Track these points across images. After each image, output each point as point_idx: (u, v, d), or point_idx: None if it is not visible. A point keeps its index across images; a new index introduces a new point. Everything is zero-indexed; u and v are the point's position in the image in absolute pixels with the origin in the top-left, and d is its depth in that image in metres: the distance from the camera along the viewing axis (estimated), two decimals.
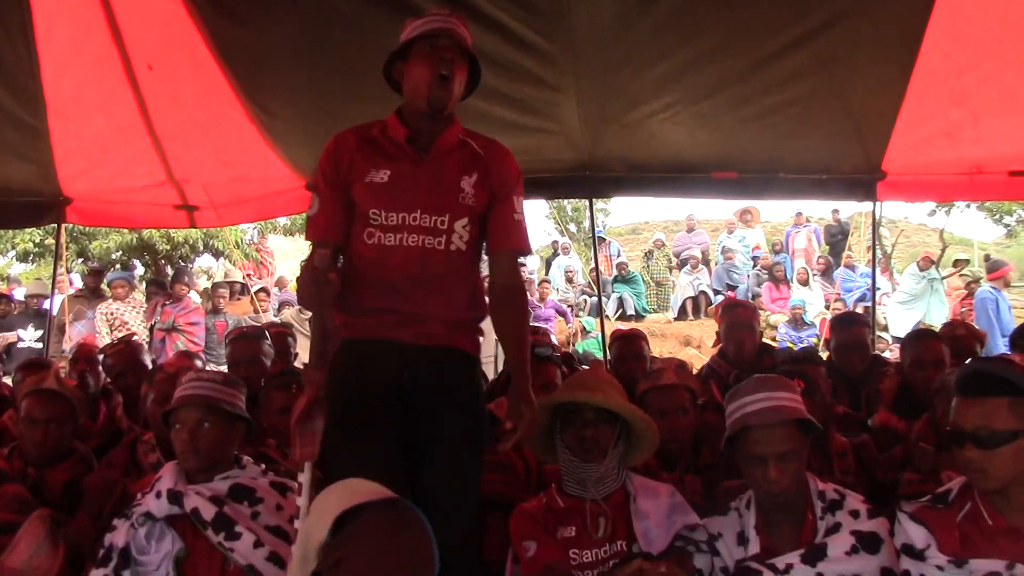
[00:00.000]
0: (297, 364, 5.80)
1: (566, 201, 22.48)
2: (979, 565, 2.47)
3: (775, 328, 13.84)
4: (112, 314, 10.03)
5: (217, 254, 14.83)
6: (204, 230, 13.58)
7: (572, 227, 24.44)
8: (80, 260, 14.69)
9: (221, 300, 11.27)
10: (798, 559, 2.72)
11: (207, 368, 4.63)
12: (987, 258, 14.01)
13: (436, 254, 2.82)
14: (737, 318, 4.93)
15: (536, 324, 12.40)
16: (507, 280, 2.92)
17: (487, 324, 2.95)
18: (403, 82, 2.89)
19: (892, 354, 9.23)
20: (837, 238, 16.77)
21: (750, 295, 15.22)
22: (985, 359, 3.09)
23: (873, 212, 6.82)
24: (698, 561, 2.83)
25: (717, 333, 5.12)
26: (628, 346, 5.14)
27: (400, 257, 2.79)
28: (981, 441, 2.47)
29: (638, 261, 17.76)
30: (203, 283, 13.68)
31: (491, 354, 10.13)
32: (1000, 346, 9.06)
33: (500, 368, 6.17)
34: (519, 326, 2.92)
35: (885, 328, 12.65)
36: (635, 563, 2.48)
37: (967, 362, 2.71)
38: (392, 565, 2.05)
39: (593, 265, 9.05)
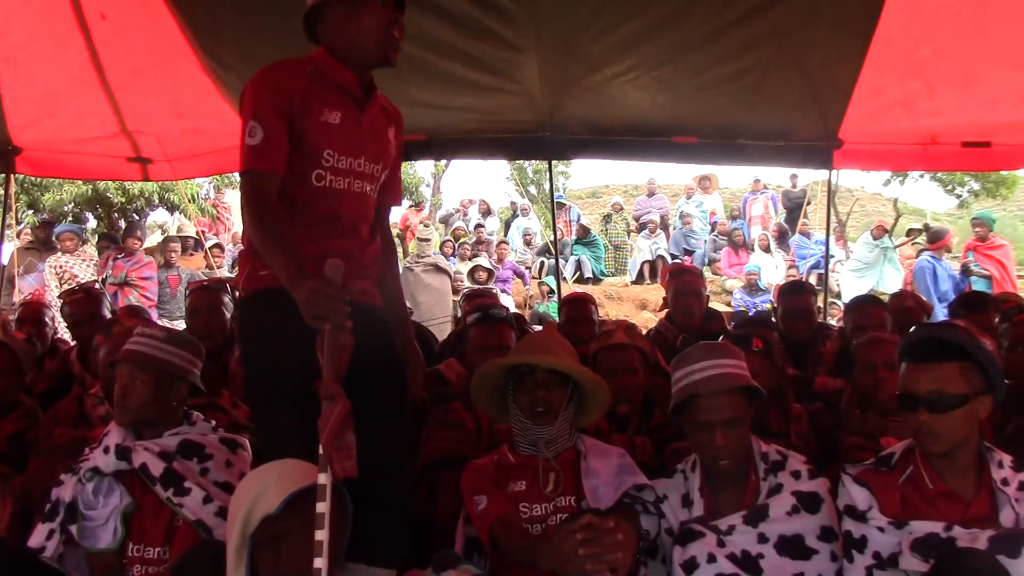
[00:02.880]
0: None
1: (527, 163, 22.45)
2: (918, 526, 2.54)
3: (730, 293, 13.98)
4: (62, 267, 9.87)
5: (172, 208, 14.65)
6: (159, 184, 13.40)
7: (532, 189, 24.43)
8: (31, 212, 14.43)
9: (172, 255, 11.13)
10: (740, 520, 2.77)
11: (158, 323, 4.59)
12: (926, 227, 14.23)
13: (371, 202, 2.86)
14: (684, 284, 4.98)
15: (495, 285, 12.47)
16: (389, 235, 3.03)
17: (442, 284, 2.95)
18: (338, 26, 2.77)
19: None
20: (794, 205, 16.92)
21: (707, 260, 15.34)
22: (933, 325, 3.15)
23: (828, 180, 6.91)
24: (644, 522, 2.87)
25: (664, 298, 5.18)
26: (577, 309, 5.17)
27: (349, 202, 2.76)
28: (933, 405, 2.53)
29: (597, 225, 17.79)
30: (157, 238, 13.50)
31: (448, 314, 10.19)
32: (938, 313, 9.25)
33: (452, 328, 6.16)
34: (399, 277, 3.02)
35: (838, 295, 12.82)
36: (584, 518, 2.50)
37: (915, 328, 2.76)
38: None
39: (552, 227, 9.05)
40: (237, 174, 2.88)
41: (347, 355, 2.41)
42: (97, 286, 9.46)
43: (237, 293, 2.91)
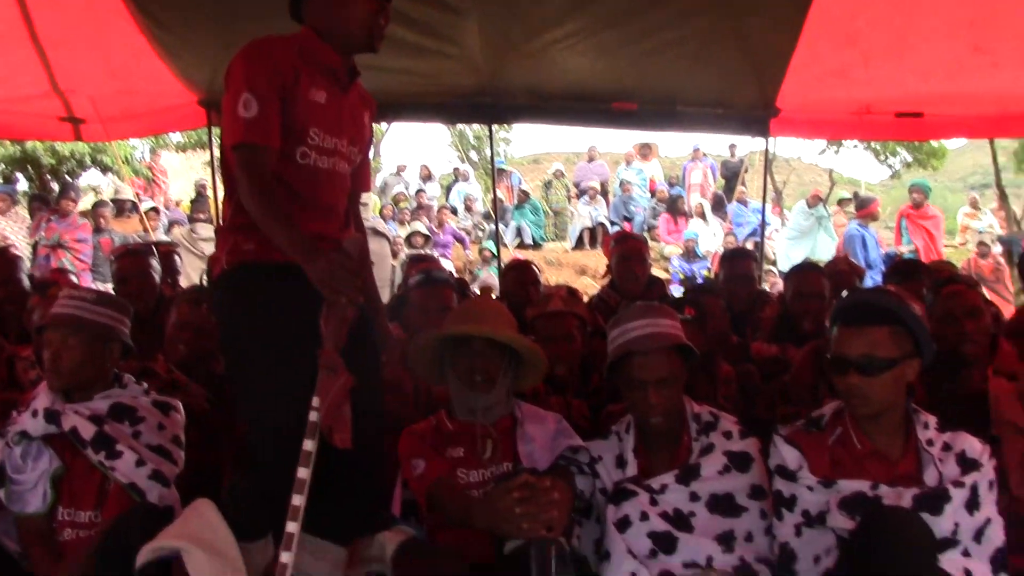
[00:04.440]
0: (183, 282, 5.71)
1: (468, 129, 22.36)
2: (846, 485, 2.61)
3: (668, 260, 14.12)
4: None
5: (105, 169, 14.32)
6: (91, 144, 13.07)
7: (473, 155, 24.33)
8: None
9: (103, 219, 10.89)
10: (673, 479, 2.82)
11: (91, 286, 4.51)
12: (855, 195, 14.51)
13: (348, 185, 2.87)
14: (628, 250, 5.02)
15: (435, 250, 12.44)
16: (361, 221, 3.03)
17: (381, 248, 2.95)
18: (325, 8, 2.74)
19: (780, 287, 9.53)
20: (732, 174, 17.09)
21: (646, 227, 15.45)
22: (866, 290, 3.22)
23: (766, 148, 6.99)
24: (579, 483, 2.90)
25: (608, 265, 5.22)
26: (522, 274, 5.19)
27: (331, 182, 2.76)
28: (864, 368, 2.59)
29: (538, 191, 17.81)
30: (91, 200, 13.20)
31: (387, 279, 10.15)
32: (869, 280, 9.46)
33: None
34: (370, 262, 3.01)
35: (774, 263, 13.02)
36: (521, 477, 2.54)
37: (848, 293, 2.82)
38: None
39: (492, 193, 9.04)
40: (173, 136, 2.83)
41: (347, 328, 2.46)
42: (26, 249, 9.27)
43: (209, 269, 2.86)
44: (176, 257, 5.57)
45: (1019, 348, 3.65)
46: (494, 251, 13.63)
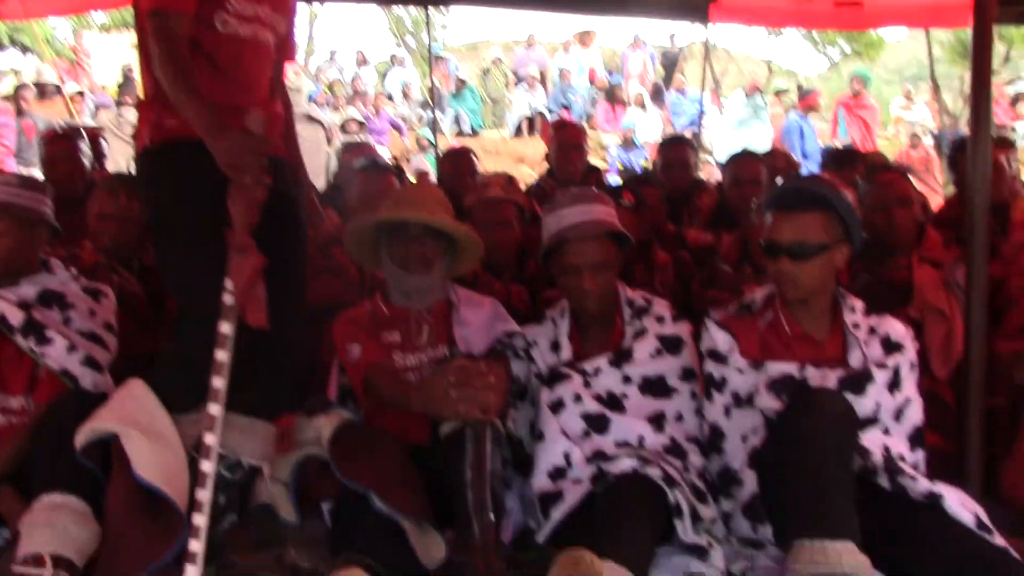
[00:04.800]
0: (109, 167, 5.55)
1: (405, 14, 21.77)
2: (774, 367, 2.68)
3: (606, 148, 14.07)
4: None
5: (25, 50, 13.72)
6: (9, 24, 12.48)
7: (410, 40, 23.74)
8: None
9: (24, 102, 10.45)
10: (606, 362, 2.88)
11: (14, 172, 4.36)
12: (799, 87, 14.55)
13: (272, 56, 2.76)
14: (567, 138, 4.99)
15: (370, 137, 12.22)
16: (286, 94, 2.93)
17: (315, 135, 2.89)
18: None
19: (717, 177, 9.59)
20: (671, 63, 16.98)
21: (585, 116, 15.34)
22: (799, 177, 3.26)
23: (705, 36, 6.94)
24: (515, 367, 2.94)
25: (546, 153, 5.19)
26: (459, 162, 5.13)
27: (253, 52, 2.66)
28: (795, 253, 2.63)
29: (476, 78, 17.50)
30: (11, 82, 12.66)
31: (321, 166, 9.97)
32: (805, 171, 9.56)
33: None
34: (296, 137, 2.93)
35: (711, 152, 13.06)
36: (456, 360, 2.56)
37: (782, 180, 2.84)
38: None
39: (429, 79, 8.89)
40: (96, 16, 2.69)
41: (258, 208, 2.40)
42: None
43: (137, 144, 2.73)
44: (103, 142, 5.40)
45: (945, 237, 3.74)
46: (431, 139, 13.48)
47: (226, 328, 2.35)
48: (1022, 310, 3.25)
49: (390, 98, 15.76)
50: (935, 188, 11.11)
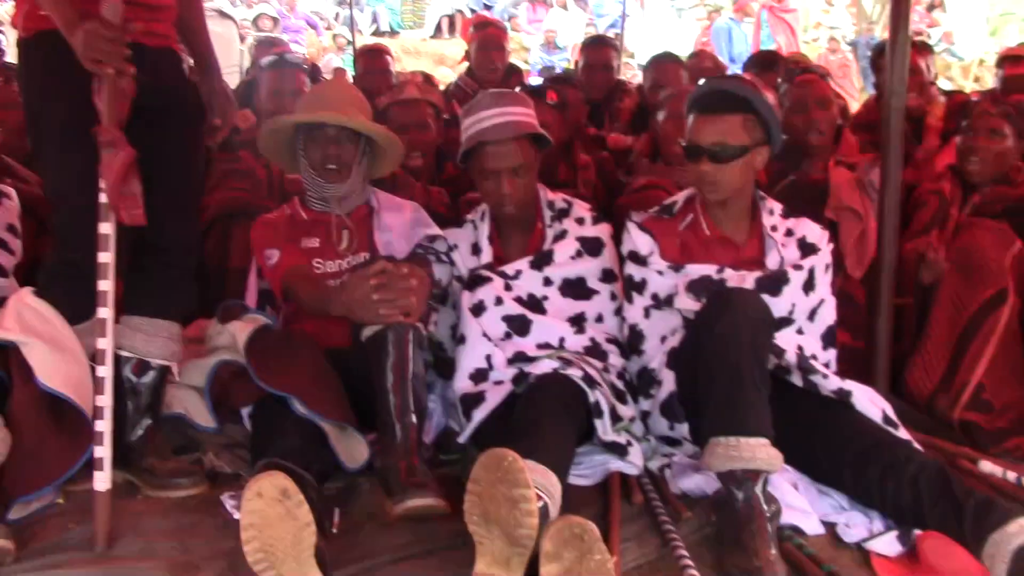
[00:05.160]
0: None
1: None
2: (693, 269, 2.70)
3: (528, 50, 13.87)
4: None
5: None
6: None
7: None
8: None
9: None
10: (527, 265, 2.88)
11: None
12: None
13: None
14: (488, 38, 4.89)
15: (286, 35, 11.83)
16: None
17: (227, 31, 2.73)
18: None
19: (638, 79, 9.54)
20: None
21: (507, 16, 15.05)
22: (720, 78, 3.25)
23: None
24: (437, 270, 2.91)
25: (467, 51, 5.08)
26: (374, 61, 5.00)
27: None
28: (716, 156, 2.62)
29: None
30: None
31: (234, 63, 9.65)
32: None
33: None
34: (200, 18, 2.76)
35: (632, 55, 12.96)
36: (378, 264, 2.51)
37: (702, 81, 2.82)
38: None
39: None
40: None
41: (127, 101, 2.28)
42: None
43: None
44: (2, 34, 5.13)
45: (862, 140, 3.79)
46: (349, 38, 13.09)
47: (106, 228, 2.26)
48: (929, 210, 3.32)
49: None
50: (852, 93, 11.24)
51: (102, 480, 2.21)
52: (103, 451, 2.21)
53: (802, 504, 2.37)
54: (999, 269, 3.05)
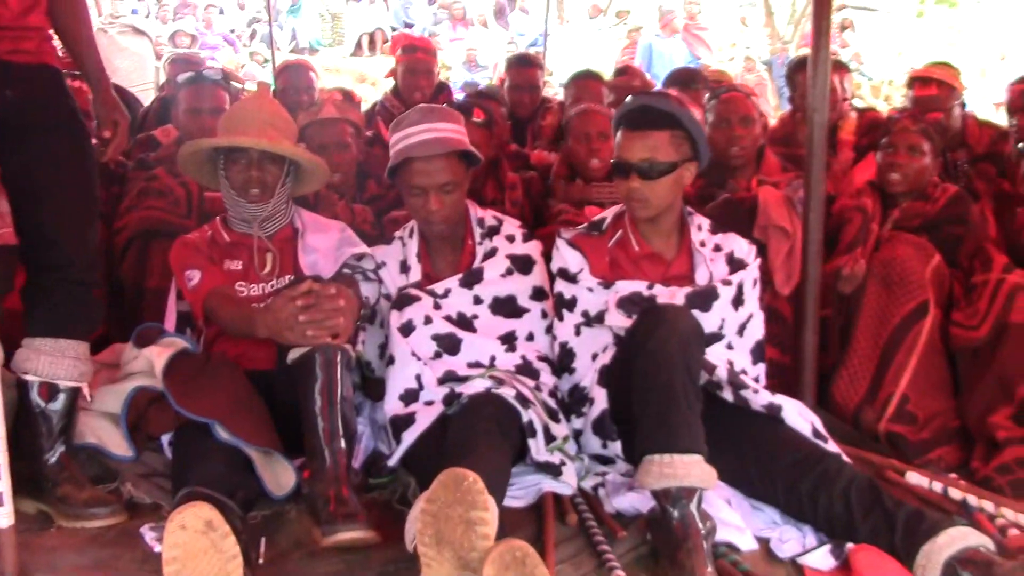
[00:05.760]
0: None
1: None
2: (623, 286, 2.70)
3: (450, 68, 13.87)
4: None
5: None
6: None
7: None
8: None
9: None
10: (456, 283, 2.84)
11: None
12: (659, 7, 14.70)
13: None
14: (417, 63, 4.81)
15: (201, 51, 11.62)
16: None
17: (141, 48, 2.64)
18: None
19: (558, 97, 9.59)
20: None
21: (427, 34, 15.04)
22: (647, 94, 3.24)
23: None
24: (364, 289, 2.87)
25: (393, 70, 5.02)
26: (298, 76, 4.90)
27: None
28: (645, 172, 2.62)
29: None
30: None
31: (149, 80, 9.46)
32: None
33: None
34: (84, 29, 2.64)
35: (551, 73, 13.03)
36: (305, 284, 2.45)
37: (630, 97, 2.83)
38: None
39: None
40: None
41: None
42: None
43: None
44: None
45: (778, 154, 3.85)
46: (266, 56, 12.91)
47: None
48: (853, 227, 3.36)
49: (221, 11, 15.00)
50: (767, 112, 11.47)
51: (4, 515, 2.08)
52: (3, 484, 2.08)
53: (736, 520, 2.37)
54: (920, 282, 3.12)
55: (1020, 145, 3.24)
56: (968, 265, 3.27)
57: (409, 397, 2.70)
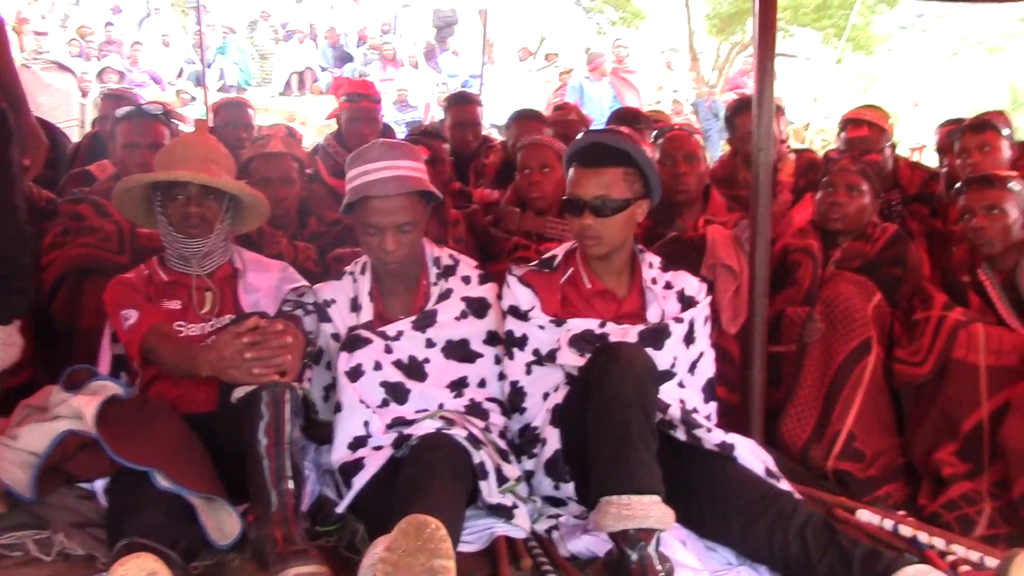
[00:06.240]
0: None
1: None
2: (575, 323, 2.67)
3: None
4: None
5: None
6: None
7: None
8: None
9: None
10: (409, 325, 2.77)
11: None
12: (587, 50, 14.92)
13: None
14: (361, 112, 4.73)
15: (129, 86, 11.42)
16: None
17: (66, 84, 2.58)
18: None
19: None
20: (445, 23, 16.88)
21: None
22: (601, 131, 3.25)
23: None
24: (307, 323, 2.80)
25: (335, 112, 4.95)
26: (237, 114, 4.81)
27: None
28: (598, 209, 2.61)
29: (243, 31, 16.69)
30: None
31: (74, 118, 9.28)
32: None
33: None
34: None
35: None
36: (251, 320, 2.37)
37: (583, 134, 2.82)
38: None
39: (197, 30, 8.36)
40: None
41: None
42: None
43: None
44: None
45: (726, 198, 3.88)
46: (192, 94, 12.73)
47: None
48: (806, 270, 3.38)
49: (147, 49, 14.78)
50: None
51: None
52: None
53: (692, 561, 2.34)
54: (863, 320, 3.15)
55: (957, 185, 3.29)
56: (908, 304, 3.31)
57: (357, 444, 2.61)
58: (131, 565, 1.79)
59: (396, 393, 2.70)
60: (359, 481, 2.48)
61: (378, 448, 2.57)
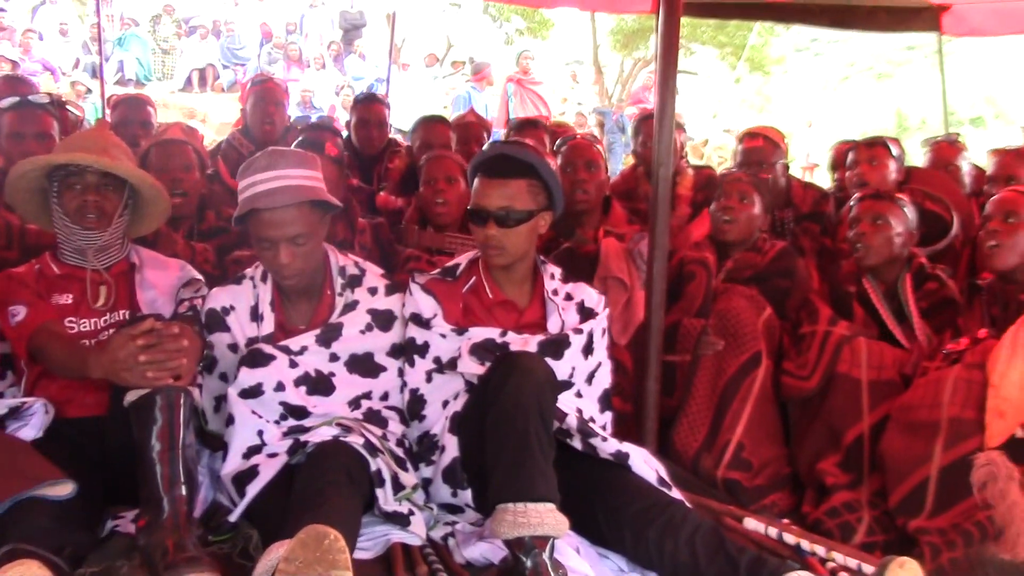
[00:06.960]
0: None
1: None
2: (477, 332, 2.69)
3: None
4: None
5: None
6: None
7: None
8: None
9: None
10: (313, 340, 2.69)
11: None
12: (472, 59, 15.00)
13: None
14: (266, 91, 4.70)
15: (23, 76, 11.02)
16: None
17: None
18: None
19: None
20: (352, 26, 16.76)
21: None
22: (506, 143, 3.27)
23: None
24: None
25: (242, 111, 4.89)
26: (135, 111, 4.68)
27: None
28: (502, 220, 2.64)
29: (145, 25, 16.27)
30: None
31: None
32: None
33: None
34: None
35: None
36: (146, 322, 2.30)
37: (489, 145, 2.85)
38: None
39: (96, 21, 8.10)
40: None
41: None
42: None
43: None
44: None
45: (627, 211, 3.96)
46: (88, 85, 12.34)
47: None
48: (699, 284, 3.47)
49: (41, 37, 14.29)
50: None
51: None
52: None
53: (584, 568, 2.36)
54: (753, 333, 3.26)
55: (851, 201, 3.44)
56: (796, 316, 3.44)
57: (251, 452, 2.56)
58: (15, 571, 1.73)
59: (297, 413, 2.64)
60: (252, 489, 2.44)
61: (273, 455, 2.52)
